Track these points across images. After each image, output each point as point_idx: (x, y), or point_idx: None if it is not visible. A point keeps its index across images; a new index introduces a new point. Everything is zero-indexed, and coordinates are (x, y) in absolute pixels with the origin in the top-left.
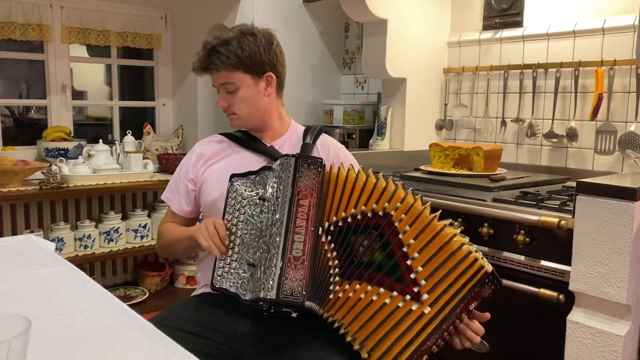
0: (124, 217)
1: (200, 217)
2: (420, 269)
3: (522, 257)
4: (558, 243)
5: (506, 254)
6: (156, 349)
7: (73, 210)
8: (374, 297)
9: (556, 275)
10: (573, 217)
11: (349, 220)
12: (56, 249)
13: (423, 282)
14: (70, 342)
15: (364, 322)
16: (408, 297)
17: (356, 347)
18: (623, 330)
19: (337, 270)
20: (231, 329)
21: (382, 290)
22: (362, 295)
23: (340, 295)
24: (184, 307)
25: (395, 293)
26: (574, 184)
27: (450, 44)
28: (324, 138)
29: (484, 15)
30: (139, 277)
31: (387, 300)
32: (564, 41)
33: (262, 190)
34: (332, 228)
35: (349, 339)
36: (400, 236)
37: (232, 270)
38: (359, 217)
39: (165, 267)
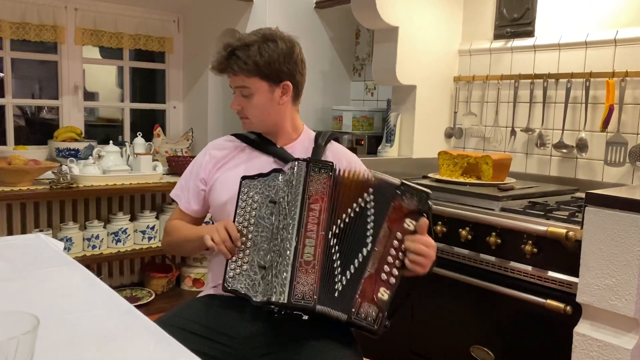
0: (133, 218)
1: (208, 219)
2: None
3: (529, 268)
4: (566, 254)
5: (513, 264)
6: (161, 349)
7: (82, 210)
8: None
9: (563, 287)
10: (581, 228)
11: (347, 220)
12: (64, 248)
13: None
14: (75, 341)
15: None
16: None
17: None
18: (630, 343)
19: (339, 269)
20: (235, 331)
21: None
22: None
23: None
24: (189, 307)
25: None
26: (583, 195)
27: (461, 53)
28: (336, 146)
29: (495, 25)
30: (146, 278)
31: None
32: (575, 52)
33: (273, 193)
34: (337, 231)
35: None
36: (372, 210)
37: (243, 272)
38: (352, 214)
39: (172, 269)
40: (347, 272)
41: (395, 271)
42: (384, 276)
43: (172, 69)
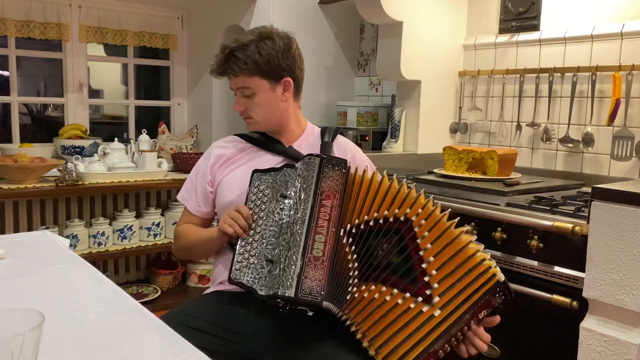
0: (138, 215)
1: (215, 218)
2: (434, 272)
3: (535, 263)
4: (572, 249)
5: (519, 259)
6: (166, 346)
7: (88, 207)
8: (387, 298)
9: (570, 282)
10: (588, 223)
11: (371, 223)
12: (70, 245)
13: (436, 285)
14: (82, 338)
15: (375, 320)
16: (420, 299)
17: (365, 344)
18: (637, 338)
19: (356, 272)
20: (241, 328)
21: (395, 291)
22: (376, 296)
23: (356, 296)
24: (195, 304)
25: (407, 294)
26: (589, 189)
27: (465, 47)
28: (340, 139)
29: (500, 19)
30: (152, 275)
31: (400, 301)
32: (581, 45)
33: (284, 188)
34: (353, 230)
35: (359, 336)
36: (418, 241)
37: (250, 265)
38: (381, 221)
39: (178, 265)
40: (369, 281)
41: (448, 349)
42: (441, 353)
43: (176, 66)
